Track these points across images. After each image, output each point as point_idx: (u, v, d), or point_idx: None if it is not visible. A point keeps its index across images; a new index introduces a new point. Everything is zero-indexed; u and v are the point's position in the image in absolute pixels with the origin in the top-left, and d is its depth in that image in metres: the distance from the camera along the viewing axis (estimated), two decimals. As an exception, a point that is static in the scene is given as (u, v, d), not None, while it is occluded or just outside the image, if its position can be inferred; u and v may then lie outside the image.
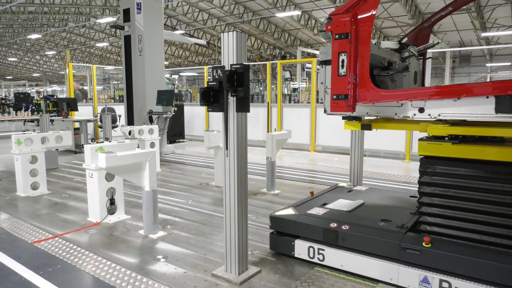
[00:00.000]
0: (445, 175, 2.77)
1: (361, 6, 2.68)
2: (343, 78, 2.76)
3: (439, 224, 2.82)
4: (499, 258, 2.45)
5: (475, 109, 2.45)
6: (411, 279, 2.69)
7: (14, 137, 5.45)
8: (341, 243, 3.01)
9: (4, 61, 45.17)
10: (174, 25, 25.91)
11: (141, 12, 8.66)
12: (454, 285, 2.52)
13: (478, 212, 2.67)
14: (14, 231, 4.08)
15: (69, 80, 11.30)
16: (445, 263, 2.58)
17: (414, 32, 3.86)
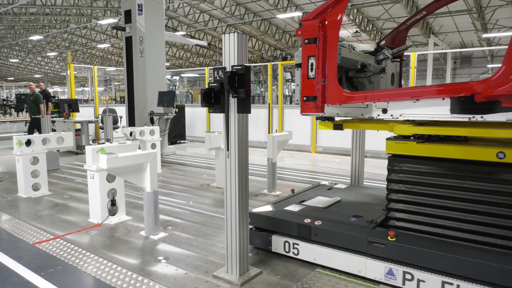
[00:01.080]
0: (410, 173, 2.91)
1: (329, 13, 2.81)
2: (312, 81, 2.89)
3: (405, 219, 2.95)
4: (458, 251, 2.58)
5: (432, 110, 2.60)
6: (377, 272, 2.82)
7: (15, 138, 5.46)
8: (314, 237, 3.14)
9: (6, 62, 45.27)
10: (175, 27, 25.94)
11: (142, 14, 8.68)
12: (416, 277, 2.65)
13: (440, 207, 2.80)
14: (15, 232, 4.09)
15: (71, 82, 11.32)
16: (408, 256, 2.71)
17: (391, 35, 3.96)
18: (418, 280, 2.66)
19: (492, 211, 2.62)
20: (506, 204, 2.57)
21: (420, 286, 2.65)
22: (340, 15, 2.82)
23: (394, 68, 3.92)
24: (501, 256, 2.48)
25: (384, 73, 3.83)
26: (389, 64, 3.88)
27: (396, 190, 2.98)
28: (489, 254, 2.52)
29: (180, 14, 23.96)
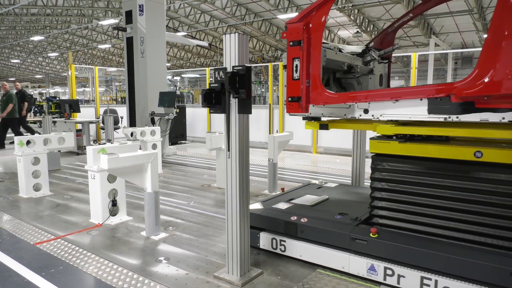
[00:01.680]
0: (393, 171, 3.00)
1: (313, 16, 2.88)
2: (296, 82, 2.96)
3: (387, 217, 3.04)
4: (437, 247, 2.66)
5: (411, 110, 2.69)
6: (360, 267, 2.91)
7: (16, 139, 5.47)
8: (300, 234, 3.23)
9: (7, 63, 45.35)
10: (176, 27, 25.96)
11: (143, 14, 8.69)
12: (396, 272, 2.74)
13: (421, 205, 2.89)
14: (16, 232, 4.09)
15: (72, 82, 11.34)
16: (388, 252, 2.80)
17: (380, 37, 4.04)
18: (398, 276, 2.74)
19: (470, 208, 2.70)
20: (483, 202, 2.65)
21: (400, 281, 2.74)
22: (324, 18, 2.90)
23: (382, 69, 4.01)
24: (478, 252, 2.56)
25: (372, 74, 3.90)
26: (377, 66, 3.95)
27: (379, 188, 3.07)
28: (466, 250, 2.60)
29: (181, 14, 23.98)
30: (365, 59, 3.85)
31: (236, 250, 2.91)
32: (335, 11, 20.71)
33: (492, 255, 2.52)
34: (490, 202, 2.63)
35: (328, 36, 25.14)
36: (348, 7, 19.30)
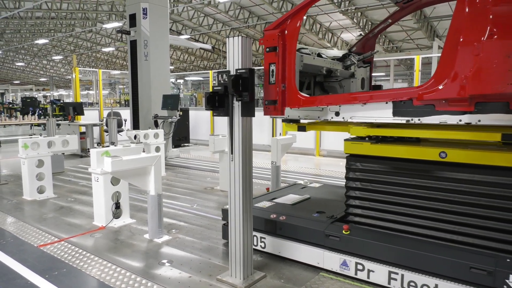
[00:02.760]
0: (365, 171, 3.16)
1: (288, 24, 3.02)
2: (273, 86, 3.08)
3: (360, 215, 3.20)
4: (404, 243, 2.81)
5: (378, 113, 2.82)
6: (333, 263, 3.07)
7: (21, 141, 5.50)
8: (278, 231, 3.38)
9: (12, 66, 45.67)
10: (179, 30, 26.07)
11: (147, 17, 8.73)
12: (367, 267, 2.90)
13: (391, 203, 3.05)
14: (20, 234, 4.11)
15: (76, 85, 11.40)
16: (359, 248, 2.94)
17: (361, 42, 4.16)
18: (368, 270, 2.89)
19: (435, 206, 2.85)
20: (446, 200, 2.80)
21: (370, 275, 2.89)
22: (298, 23, 3.03)
23: (364, 73, 4.13)
24: (441, 248, 2.70)
25: (354, 78, 4.02)
26: (358, 70, 4.08)
27: (353, 187, 3.22)
28: (430, 246, 2.74)
29: (184, 17, 24.09)
30: (345, 64, 3.96)
31: (239, 253, 2.90)
32: (338, 14, 20.74)
33: (453, 250, 2.66)
34: (453, 200, 2.78)
35: (331, 39, 25.17)
36: (351, 10, 19.32)
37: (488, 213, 2.67)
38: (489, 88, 2.25)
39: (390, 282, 2.79)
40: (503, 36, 2.20)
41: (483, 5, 2.26)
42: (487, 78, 2.24)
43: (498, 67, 2.19)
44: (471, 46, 2.27)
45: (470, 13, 2.30)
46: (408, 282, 2.72)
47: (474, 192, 2.71)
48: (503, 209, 2.62)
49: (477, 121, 2.47)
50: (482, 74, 2.25)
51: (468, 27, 2.30)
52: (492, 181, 2.65)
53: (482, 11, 2.27)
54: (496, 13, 2.23)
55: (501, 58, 2.18)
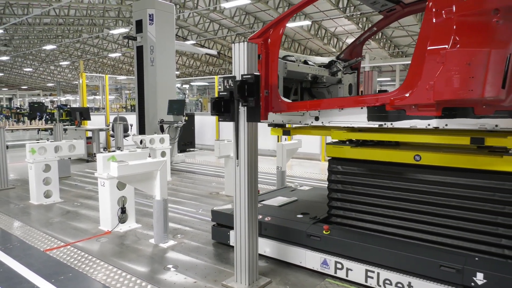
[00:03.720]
0: (346, 174, 3.32)
1: (271, 33, 3.15)
2: None
3: (341, 216, 3.36)
4: (380, 243, 2.93)
5: (354, 118, 2.92)
6: (314, 262, 3.18)
7: (28, 146, 5.55)
8: (264, 232, 3.48)
9: (20, 72, 46.20)
10: (185, 36, 26.25)
11: (153, 23, 8.80)
12: (345, 266, 3.01)
13: (369, 204, 3.20)
14: (27, 239, 4.13)
15: (83, 90, 11.50)
16: (338, 248, 3.07)
17: (349, 49, 4.27)
18: (347, 269, 3.01)
19: (409, 207, 2.99)
20: (420, 201, 2.94)
21: (348, 274, 3.00)
22: (280, 32, 3.16)
23: (351, 79, 4.23)
24: (413, 247, 2.83)
25: (341, 84, 4.13)
26: (346, 76, 4.18)
27: (335, 189, 3.37)
28: (404, 245, 2.87)
29: (190, 23, 24.26)
30: (332, 70, 4.08)
31: (245, 258, 2.90)
32: (343, 19, 20.77)
33: (425, 249, 2.78)
34: (426, 201, 2.92)
35: (336, 44, 25.20)
36: (356, 15, 19.34)
37: (458, 214, 2.80)
38: (452, 94, 2.36)
39: (367, 280, 2.90)
40: (464, 45, 2.31)
41: (448, 15, 2.37)
42: (450, 85, 2.34)
43: (460, 74, 2.30)
44: (436, 55, 2.38)
45: (436, 23, 2.42)
46: (384, 280, 2.82)
47: (445, 194, 2.85)
48: (472, 210, 2.75)
49: (444, 126, 2.59)
50: (445, 81, 2.35)
51: (434, 37, 2.42)
52: (461, 183, 2.78)
53: (446, 21, 2.38)
54: (459, 23, 2.33)
55: (462, 65, 2.28)
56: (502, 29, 2.26)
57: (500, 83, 2.25)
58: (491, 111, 2.44)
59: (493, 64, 2.23)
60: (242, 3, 16.48)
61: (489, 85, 2.24)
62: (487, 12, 2.28)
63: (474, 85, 2.25)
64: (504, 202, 2.65)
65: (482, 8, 2.31)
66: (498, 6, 2.25)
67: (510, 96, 2.31)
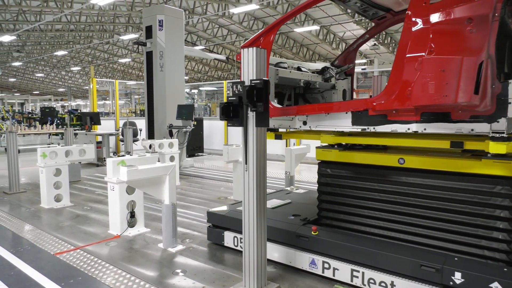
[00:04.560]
0: (334, 176, 3.44)
1: (261, 41, 3.32)
2: None
3: (330, 217, 3.49)
4: (365, 243, 3.02)
5: (339, 122, 3.08)
6: (303, 262, 3.27)
7: (39, 150, 5.61)
8: None
9: (32, 77, 46.94)
10: (194, 41, 26.44)
11: (162, 29, 8.89)
12: (332, 266, 3.11)
13: (355, 206, 3.32)
14: (37, 242, 4.17)
15: (93, 95, 11.63)
16: (325, 248, 3.15)
17: (343, 55, 4.38)
18: (333, 269, 3.10)
19: (394, 209, 3.11)
20: (404, 203, 3.05)
21: (335, 273, 3.09)
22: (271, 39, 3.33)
23: (345, 84, 4.32)
24: (397, 247, 2.92)
25: (335, 89, 4.24)
26: (340, 81, 4.28)
27: (324, 191, 3.50)
28: (388, 246, 2.96)
29: (199, 29, 24.45)
30: (325, 76, 4.19)
31: (253, 264, 2.89)
32: (352, 24, 20.74)
33: (407, 249, 2.87)
34: (409, 203, 3.03)
35: (345, 49, 25.09)
36: (365, 20, 19.29)
37: (440, 215, 2.90)
38: (428, 100, 2.47)
39: (353, 279, 2.99)
40: (440, 53, 2.44)
41: (425, 24, 2.52)
42: (426, 91, 2.46)
43: (435, 81, 2.42)
44: (414, 62, 2.52)
45: (414, 32, 2.56)
46: (368, 279, 2.90)
47: (428, 196, 2.94)
48: (453, 212, 2.84)
49: (423, 130, 2.72)
50: (422, 87, 2.48)
51: (412, 45, 2.56)
52: (442, 185, 2.87)
53: (424, 30, 2.52)
54: (435, 32, 2.48)
55: (437, 72, 2.41)
56: (475, 37, 2.39)
57: (472, 89, 2.34)
58: (467, 116, 2.55)
59: (465, 71, 2.34)
60: (250, 9, 16.57)
61: (462, 91, 2.34)
62: (461, 21, 2.41)
63: (448, 91, 2.37)
64: (483, 204, 2.72)
65: (457, 17, 2.43)
66: (471, 16, 2.38)
67: (484, 101, 2.41)
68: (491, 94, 2.42)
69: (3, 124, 18.80)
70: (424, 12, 2.52)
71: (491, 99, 2.43)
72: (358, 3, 3.62)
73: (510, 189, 2.62)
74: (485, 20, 2.36)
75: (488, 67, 2.38)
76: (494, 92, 2.43)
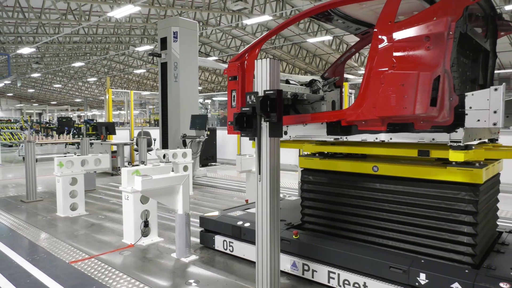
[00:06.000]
0: (315, 183, 3.66)
1: (246, 57, 3.56)
2: (234, 109, 3.60)
3: (312, 222, 3.68)
4: (342, 247, 3.18)
5: (316, 132, 3.31)
6: (285, 264, 3.43)
7: (56, 160, 5.72)
8: (243, 236, 3.81)
9: (50, 88, 48.05)
10: (207, 52, 26.75)
11: (177, 41, 9.03)
12: (311, 268, 3.28)
13: (334, 211, 3.51)
14: (53, 250, 4.23)
15: (109, 105, 11.83)
16: (305, 251, 3.30)
17: (332, 68, 4.54)
18: (312, 271, 3.27)
19: (368, 214, 3.28)
20: (377, 209, 3.22)
21: (314, 275, 3.26)
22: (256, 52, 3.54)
23: (335, 96, 4.45)
24: (368, 250, 3.09)
25: (324, 100, 4.40)
26: (329, 93, 4.43)
27: (306, 198, 3.70)
28: (361, 248, 3.11)
29: (213, 40, 24.73)
30: (313, 88, 4.38)
31: (266, 275, 2.86)
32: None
33: (378, 252, 3.03)
34: (383, 208, 3.19)
35: (358, 58, 25.07)
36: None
37: (410, 220, 3.05)
38: (390, 111, 2.66)
39: (330, 281, 3.16)
40: (400, 68, 2.66)
41: (389, 41, 2.74)
42: (388, 103, 2.66)
43: (396, 94, 2.63)
44: (379, 76, 2.72)
45: (380, 48, 2.77)
46: (343, 281, 3.07)
47: (399, 202, 3.11)
48: (422, 217, 3.00)
49: (389, 139, 2.93)
50: (385, 99, 2.68)
51: (378, 60, 2.77)
52: (412, 191, 3.03)
53: (388, 47, 2.74)
54: (397, 48, 2.70)
55: (398, 86, 2.62)
56: (431, 54, 2.59)
57: (428, 101, 2.53)
58: (428, 126, 2.74)
59: (421, 85, 2.53)
60: (263, 20, 16.70)
61: (419, 103, 2.53)
62: (420, 39, 2.63)
63: (407, 103, 2.57)
64: (449, 209, 2.87)
65: (416, 35, 2.65)
66: (428, 34, 2.60)
67: (442, 113, 2.59)
68: (449, 106, 2.59)
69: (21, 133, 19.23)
70: (388, 30, 2.74)
71: (449, 110, 2.60)
72: (341, 20, 3.84)
73: (473, 195, 2.77)
74: (440, 38, 2.57)
75: (445, 81, 2.56)
76: (451, 104, 2.60)
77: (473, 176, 2.73)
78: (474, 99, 2.58)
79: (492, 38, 3.65)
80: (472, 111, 2.59)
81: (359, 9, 3.61)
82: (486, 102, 2.53)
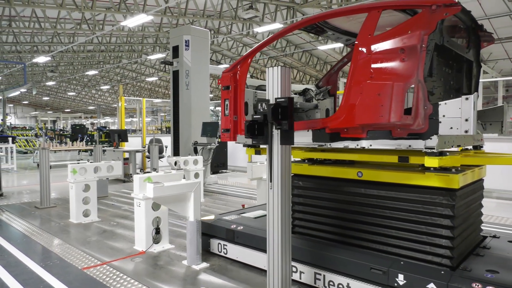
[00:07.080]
0: (304, 188, 3.77)
1: (239, 68, 3.72)
2: (227, 117, 3.76)
3: (301, 226, 3.81)
4: (327, 249, 3.32)
5: (303, 139, 3.35)
6: None
7: (70, 167, 5.80)
8: (236, 240, 3.95)
9: (64, 96, 48.92)
10: (219, 60, 26.95)
11: (189, 49, 9.12)
12: (299, 269, 3.41)
13: (323, 216, 3.62)
14: (66, 256, 4.27)
15: (121, 113, 11.98)
16: (293, 253, 3.19)
17: (326, 77, 4.66)
18: (300, 272, 3.40)
19: (354, 218, 3.39)
20: (361, 213, 3.34)
21: (301, 276, 3.39)
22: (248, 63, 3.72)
23: (329, 104, 4.55)
24: (351, 252, 3.21)
25: (318, 109, 4.50)
26: (322, 101, 4.53)
27: (296, 202, 3.82)
28: (344, 251, 3.24)
29: (224, 48, 24.92)
30: (306, 97, 4.49)
31: (277, 283, 2.84)
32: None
33: (360, 254, 3.16)
34: (366, 212, 3.30)
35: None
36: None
37: (392, 224, 3.15)
38: (368, 119, 2.81)
39: (316, 282, 3.28)
40: (377, 79, 2.79)
41: (368, 53, 2.87)
42: (366, 112, 2.81)
43: (373, 103, 2.77)
44: (358, 86, 2.86)
45: (360, 59, 2.90)
46: (328, 282, 3.19)
47: (381, 206, 3.21)
48: (403, 220, 3.09)
49: (369, 146, 3.05)
50: (363, 108, 2.83)
51: (358, 71, 2.90)
52: (393, 196, 3.14)
53: (367, 58, 2.86)
54: (375, 60, 2.83)
55: (374, 96, 2.76)
56: (406, 65, 2.72)
57: (402, 110, 2.65)
58: (405, 133, 2.84)
59: (396, 95, 2.66)
60: (274, 28, 16.78)
61: (394, 112, 2.66)
62: (396, 51, 2.76)
63: (383, 112, 2.70)
64: (428, 213, 2.97)
65: (392, 47, 2.78)
66: (403, 46, 2.73)
67: (417, 121, 2.72)
68: (423, 114, 2.72)
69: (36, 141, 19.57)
70: (368, 42, 2.87)
71: (423, 118, 2.74)
72: (330, 32, 3.98)
73: (450, 199, 2.87)
74: (414, 50, 2.69)
75: (419, 91, 2.69)
76: (426, 113, 2.73)
77: (449, 181, 2.84)
78: (447, 108, 2.73)
79: (475, 49, 3.74)
80: (445, 119, 2.74)
81: (346, 21, 3.74)
82: (458, 110, 2.69)
